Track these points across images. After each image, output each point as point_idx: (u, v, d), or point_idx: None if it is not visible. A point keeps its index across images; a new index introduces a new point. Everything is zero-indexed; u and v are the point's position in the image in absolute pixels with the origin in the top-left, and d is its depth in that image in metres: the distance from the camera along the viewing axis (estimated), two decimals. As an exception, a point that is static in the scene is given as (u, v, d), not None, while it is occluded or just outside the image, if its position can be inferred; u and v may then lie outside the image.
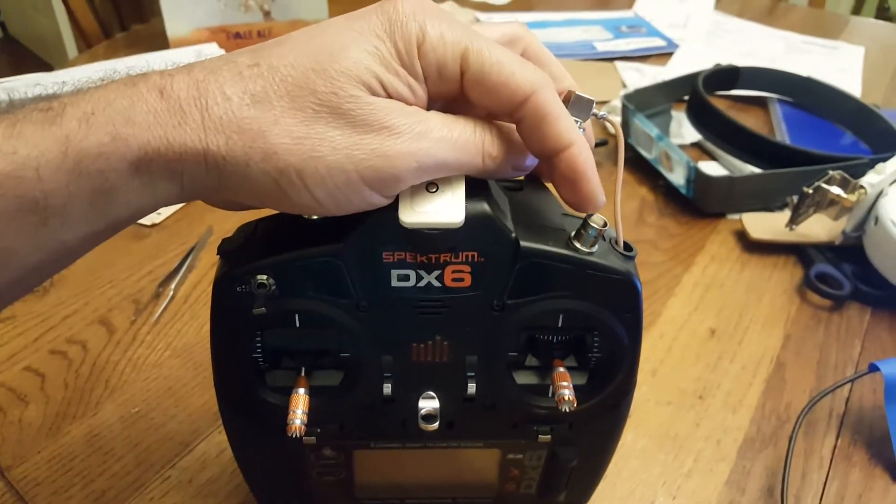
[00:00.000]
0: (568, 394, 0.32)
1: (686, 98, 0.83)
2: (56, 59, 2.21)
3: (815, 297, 0.61)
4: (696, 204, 0.70)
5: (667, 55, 1.03)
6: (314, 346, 0.33)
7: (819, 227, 0.65)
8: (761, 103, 0.91)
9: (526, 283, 0.31)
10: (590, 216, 0.30)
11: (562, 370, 0.33)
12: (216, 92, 0.25)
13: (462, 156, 0.27)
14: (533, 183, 0.34)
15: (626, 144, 0.73)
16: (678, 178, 0.71)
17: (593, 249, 0.30)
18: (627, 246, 0.32)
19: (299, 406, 0.32)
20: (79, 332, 0.56)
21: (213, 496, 0.45)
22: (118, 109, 0.24)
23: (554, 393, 0.33)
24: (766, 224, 0.67)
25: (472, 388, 0.33)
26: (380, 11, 0.27)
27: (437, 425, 0.33)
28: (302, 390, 0.32)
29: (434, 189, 0.28)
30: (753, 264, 0.65)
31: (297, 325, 0.31)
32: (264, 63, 0.26)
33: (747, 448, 0.49)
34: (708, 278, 0.64)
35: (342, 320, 0.31)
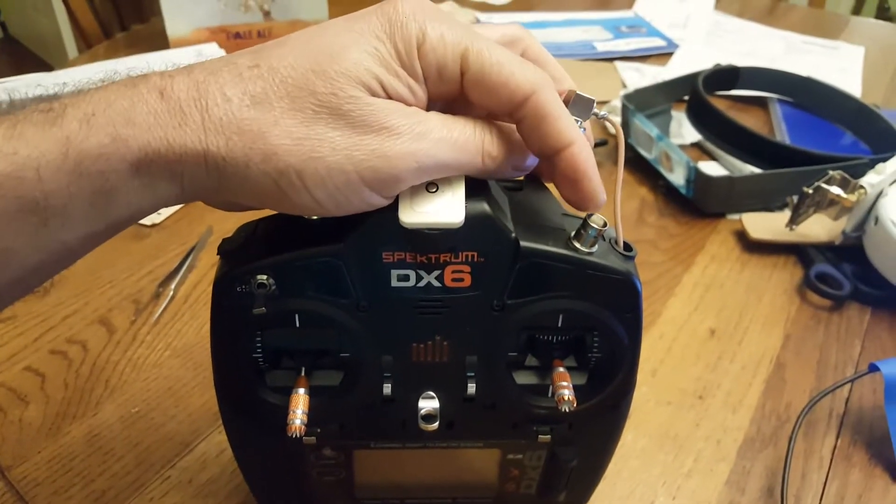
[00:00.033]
0: (568, 394, 0.32)
1: (686, 98, 0.83)
2: (56, 59, 2.21)
3: (815, 297, 0.61)
4: (696, 204, 0.70)
5: (667, 55, 1.03)
6: (314, 346, 0.33)
7: (819, 227, 0.65)
8: (761, 103, 0.91)
9: (526, 283, 0.31)
10: (590, 216, 0.30)
11: (562, 370, 0.33)
12: (216, 93, 0.25)
13: (462, 156, 0.27)
14: (533, 183, 0.34)
15: (626, 144, 0.73)
16: (678, 178, 0.71)
17: (593, 249, 0.30)
18: (627, 246, 0.32)
19: (299, 406, 0.32)
20: (79, 332, 0.56)
21: (213, 496, 0.45)
22: (118, 110, 0.25)
23: (554, 393, 0.33)
24: (766, 224, 0.67)
25: (471, 388, 0.33)
26: (380, 12, 0.27)
27: (436, 425, 0.33)
28: (302, 390, 0.32)
29: (434, 189, 0.28)
30: (753, 264, 0.65)
31: (297, 325, 0.31)
32: (264, 64, 0.26)
33: (747, 448, 0.49)
34: (708, 278, 0.64)
35: (342, 320, 0.31)
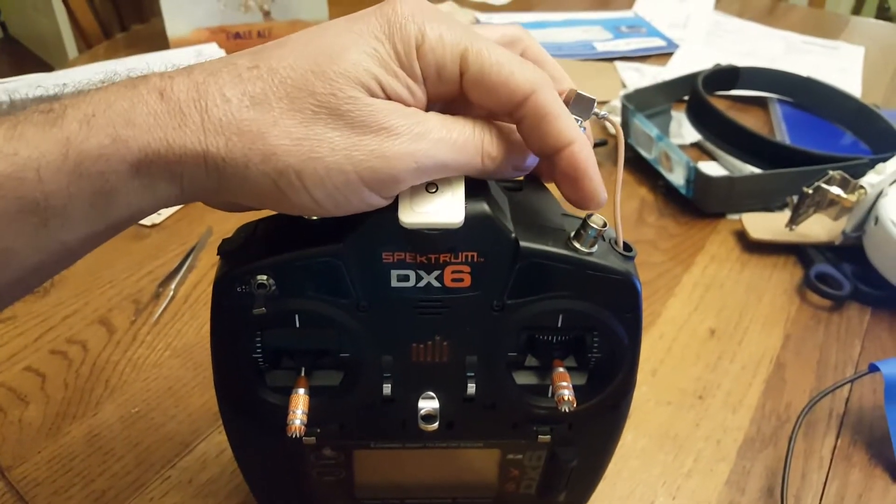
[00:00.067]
0: (568, 394, 0.32)
1: (686, 98, 0.83)
2: (56, 59, 2.21)
3: (815, 297, 0.61)
4: (695, 204, 0.70)
5: (667, 55, 1.03)
6: (314, 346, 0.33)
7: (819, 227, 0.65)
8: (761, 103, 0.91)
9: (526, 283, 0.31)
10: (589, 216, 0.30)
11: (561, 370, 0.33)
12: (216, 94, 0.25)
13: (461, 156, 0.27)
14: (533, 183, 0.34)
15: (625, 144, 0.73)
16: (678, 179, 0.71)
17: (593, 250, 0.30)
18: (627, 246, 0.32)
19: (299, 406, 0.32)
20: (79, 332, 0.56)
21: (213, 496, 0.45)
22: (118, 111, 0.25)
23: (554, 393, 0.33)
24: (766, 224, 0.67)
25: (471, 388, 0.33)
26: (379, 13, 0.27)
27: (436, 425, 0.33)
28: (302, 390, 0.32)
29: (434, 189, 0.28)
30: (753, 264, 0.65)
31: (297, 325, 0.31)
32: (264, 65, 0.26)
33: (747, 448, 0.49)
34: (708, 278, 0.64)
35: (342, 320, 0.31)
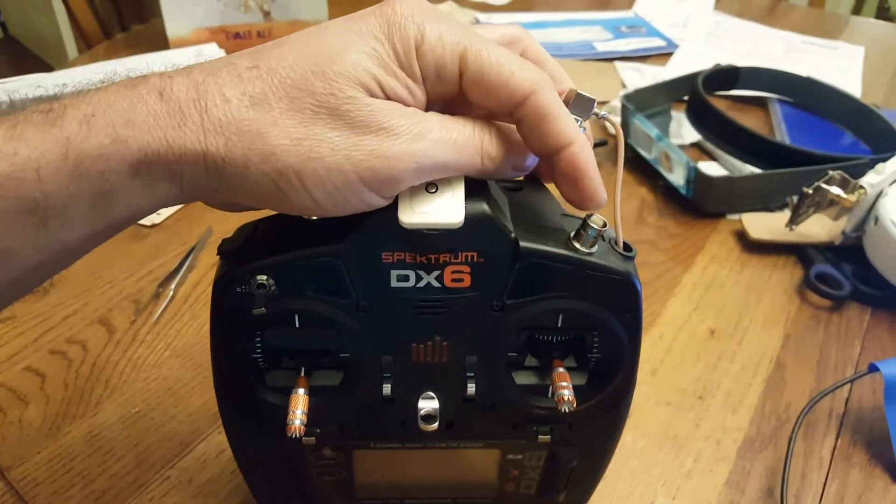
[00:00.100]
0: (567, 394, 0.32)
1: (686, 98, 0.83)
2: (56, 59, 2.21)
3: (814, 298, 0.61)
4: (695, 204, 0.70)
5: (666, 55, 1.03)
6: (314, 347, 0.33)
7: (819, 228, 0.65)
8: (761, 103, 0.91)
9: (525, 283, 0.31)
10: (589, 216, 0.30)
11: (561, 370, 0.33)
12: (215, 94, 0.25)
13: (461, 157, 0.27)
14: (532, 183, 0.34)
15: (625, 144, 0.73)
16: (678, 179, 0.71)
17: (593, 250, 0.30)
18: (627, 246, 0.32)
19: (299, 406, 0.32)
20: (79, 332, 0.56)
21: (212, 496, 0.45)
22: (118, 111, 0.25)
23: (554, 393, 0.33)
24: (765, 224, 0.67)
25: (471, 388, 0.33)
26: (378, 13, 0.27)
27: (436, 425, 0.33)
28: (302, 390, 0.32)
29: (433, 189, 0.28)
30: (753, 264, 0.65)
31: (297, 325, 0.31)
32: (263, 65, 0.26)
33: (747, 448, 0.49)
34: (708, 278, 0.64)
35: (342, 320, 0.31)
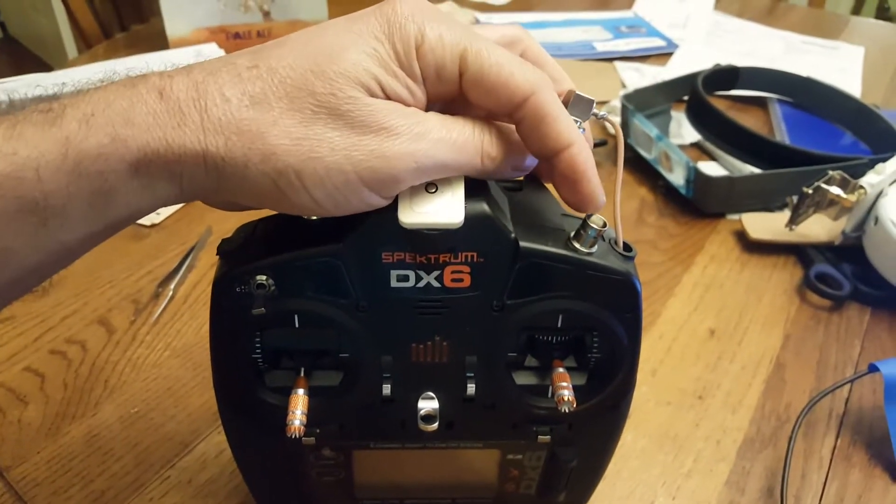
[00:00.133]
0: (567, 394, 0.32)
1: (686, 98, 0.83)
2: (56, 59, 2.21)
3: (814, 298, 0.61)
4: (695, 204, 0.70)
5: (666, 55, 1.03)
6: (313, 347, 0.33)
7: (819, 228, 0.65)
8: (761, 103, 0.91)
9: (525, 283, 0.31)
10: (589, 216, 0.30)
11: (561, 370, 0.33)
12: (215, 93, 0.25)
13: (461, 156, 0.27)
14: (532, 183, 0.34)
15: (625, 145, 0.73)
16: (678, 179, 0.71)
17: (593, 250, 0.30)
18: (627, 246, 0.32)
19: (298, 406, 0.32)
20: (78, 332, 0.56)
21: (212, 496, 0.45)
22: (118, 111, 0.25)
23: (553, 393, 0.33)
24: (765, 224, 0.67)
25: (471, 388, 0.33)
26: (378, 13, 0.27)
27: (436, 426, 0.33)
28: (301, 391, 0.32)
29: (433, 189, 0.28)
30: (753, 264, 0.65)
31: (297, 325, 0.31)
32: (263, 65, 0.26)
33: (747, 448, 0.49)
34: (708, 278, 0.64)
35: (341, 321, 0.31)
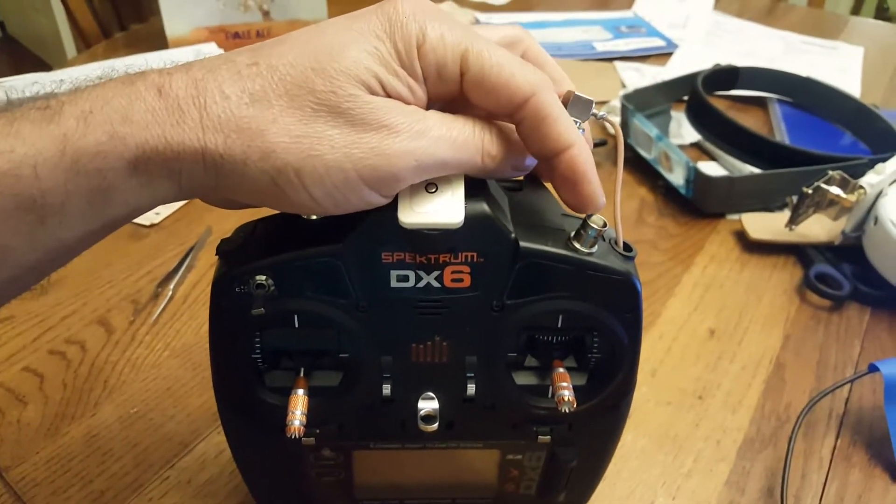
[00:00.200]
0: (567, 394, 0.32)
1: (685, 98, 0.83)
2: (55, 58, 2.21)
3: (814, 298, 0.61)
4: (695, 204, 0.70)
5: (666, 55, 1.03)
6: (313, 347, 0.33)
7: (819, 228, 0.65)
8: (761, 103, 0.91)
9: (525, 283, 0.30)
10: (589, 216, 0.30)
11: (561, 370, 0.33)
12: (215, 91, 0.25)
13: (461, 154, 0.27)
14: (532, 183, 0.34)
15: (625, 145, 0.73)
16: (678, 179, 0.71)
17: (593, 250, 0.30)
18: (627, 246, 0.32)
19: (298, 407, 0.32)
20: (77, 332, 0.56)
21: (212, 497, 0.45)
22: (116, 108, 0.24)
23: (553, 393, 0.33)
24: (765, 224, 0.67)
25: (471, 388, 0.33)
26: (380, 12, 0.27)
27: (436, 426, 0.33)
28: (301, 391, 0.32)
29: (433, 189, 0.28)
30: (753, 264, 0.65)
31: (296, 325, 0.31)
32: (263, 62, 0.26)
33: (747, 448, 0.49)
34: (707, 278, 0.64)
35: (341, 321, 0.31)
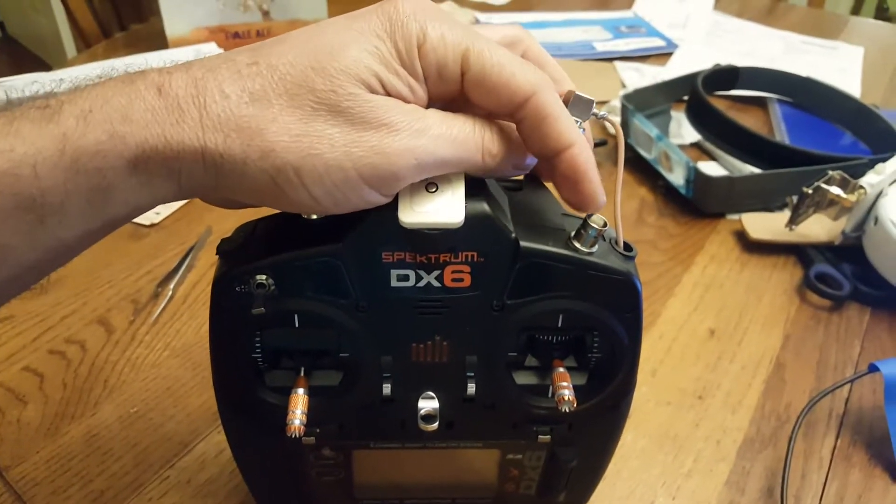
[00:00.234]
0: (568, 394, 0.32)
1: (685, 98, 0.83)
2: (55, 58, 2.21)
3: (814, 298, 0.61)
4: (695, 204, 0.70)
5: (666, 55, 1.03)
6: (313, 346, 0.33)
7: (819, 228, 0.65)
8: (761, 103, 0.91)
9: (526, 283, 0.30)
10: (590, 216, 0.30)
11: (561, 370, 0.33)
12: (214, 90, 0.25)
13: (462, 153, 0.27)
14: (532, 182, 0.34)
15: (625, 144, 0.73)
16: (678, 179, 0.71)
17: (593, 249, 0.30)
18: (627, 246, 0.32)
19: (298, 406, 0.32)
20: (77, 331, 0.56)
21: (211, 496, 0.44)
22: (116, 107, 0.24)
23: (554, 393, 0.33)
24: (765, 224, 0.67)
25: (471, 388, 0.33)
26: (380, 11, 0.27)
27: (436, 425, 0.33)
28: (301, 390, 0.32)
29: (434, 189, 0.28)
30: (753, 264, 0.65)
31: (297, 325, 0.31)
32: (263, 61, 0.26)
33: (747, 448, 0.49)
34: (708, 278, 0.64)
35: (341, 320, 0.31)
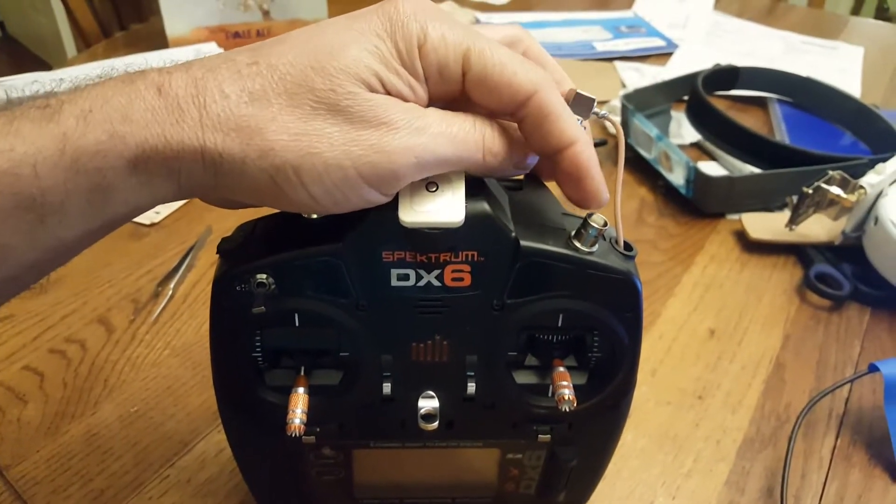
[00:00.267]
0: (568, 393, 0.32)
1: (686, 98, 0.83)
2: (55, 58, 2.21)
3: (814, 298, 0.61)
4: (695, 204, 0.70)
5: (666, 55, 1.03)
6: (313, 346, 0.33)
7: (819, 228, 0.65)
8: (761, 103, 0.91)
9: (526, 282, 0.30)
10: (590, 216, 0.30)
11: (561, 370, 0.33)
12: (214, 90, 0.25)
13: (462, 151, 0.27)
14: (533, 182, 0.34)
15: (625, 144, 0.73)
16: (678, 179, 0.71)
17: (593, 249, 0.30)
18: (628, 245, 0.32)
19: (299, 405, 0.32)
20: (78, 331, 0.56)
21: (212, 496, 0.45)
22: (116, 107, 0.24)
23: (554, 393, 0.33)
24: (765, 224, 0.67)
25: (471, 387, 0.33)
26: (380, 11, 0.27)
27: (436, 425, 0.33)
28: (301, 389, 0.32)
29: (434, 188, 0.28)
30: (753, 264, 0.65)
31: (297, 324, 0.31)
32: (263, 61, 0.26)
33: (747, 448, 0.49)
34: (707, 278, 0.64)
35: (341, 320, 0.31)
